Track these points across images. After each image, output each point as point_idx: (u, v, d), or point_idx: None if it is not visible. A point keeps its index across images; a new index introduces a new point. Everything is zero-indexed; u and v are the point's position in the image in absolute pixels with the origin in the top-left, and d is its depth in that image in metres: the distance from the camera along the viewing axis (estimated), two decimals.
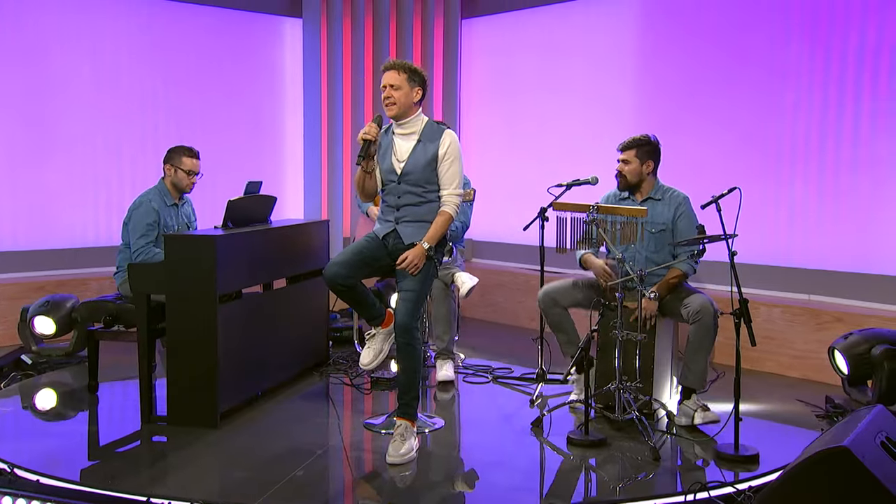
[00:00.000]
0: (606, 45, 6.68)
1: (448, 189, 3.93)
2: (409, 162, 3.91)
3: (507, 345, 6.18)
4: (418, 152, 3.92)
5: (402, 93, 3.87)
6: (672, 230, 4.30)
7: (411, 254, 3.84)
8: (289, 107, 7.70)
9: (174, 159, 4.82)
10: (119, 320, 4.61)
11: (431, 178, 3.92)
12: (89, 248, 6.68)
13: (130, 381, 5.03)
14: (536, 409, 4.42)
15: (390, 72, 3.88)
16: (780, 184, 5.68)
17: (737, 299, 3.62)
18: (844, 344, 4.34)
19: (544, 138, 7.08)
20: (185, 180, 4.82)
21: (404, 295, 3.83)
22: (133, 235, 4.68)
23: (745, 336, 3.60)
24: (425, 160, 3.90)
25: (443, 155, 3.90)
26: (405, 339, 3.79)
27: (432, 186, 3.93)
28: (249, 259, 4.50)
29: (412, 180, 3.92)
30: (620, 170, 4.36)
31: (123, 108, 6.74)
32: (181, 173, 4.81)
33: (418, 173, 3.90)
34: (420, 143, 3.92)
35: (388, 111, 3.91)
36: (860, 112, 5.29)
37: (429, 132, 3.95)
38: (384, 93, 3.89)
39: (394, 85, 3.86)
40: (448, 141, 3.92)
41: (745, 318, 3.58)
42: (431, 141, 3.92)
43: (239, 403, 4.41)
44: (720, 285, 5.44)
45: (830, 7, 5.41)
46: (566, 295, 4.44)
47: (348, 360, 5.45)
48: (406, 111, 3.91)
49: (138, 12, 6.79)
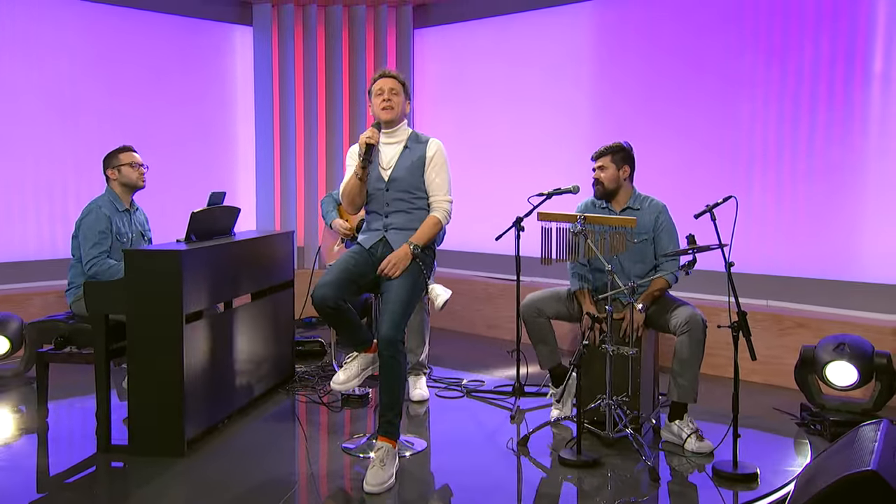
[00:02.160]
0: (561, 53, 6.40)
1: (438, 195, 3.64)
2: (396, 168, 3.61)
3: (470, 354, 5.83)
4: (404, 157, 3.63)
5: (399, 100, 3.66)
6: (653, 240, 4.01)
7: (394, 255, 3.49)
8: (240, 116, 7.19)
9: (112, 161, 4.32)
10: (71, 341, 4.07)
11: (420, 185, 3.61)
12: (32, 261, 6.06)
13: (83, 405, 4.51)
14: (517, 426, 4.08)
15: (390, 79, 3.68)
16: (738, 191, 5.41)
17: (734, 311, 3.33)
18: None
19: (498, 146, 6.76)
20: (132, 173, 4.31)
21: (390, 306, 3.43)
22: (84, 245, 4.14)
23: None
24: (412, 164, 3.60)
25: (430, 159, 3.63)
26: (390, 353, 3.38)
27: (421, 193, 3.62)
28: (215, 274, 4.03)
29: (401, 186, 3.60)
30: (598, 177, 4.06)
31: (66, 116, 6.14)
32: (126, 168, 4.30)
33: (406, 179, 3.60)
34: (406, 149, 3.64)
35: (384, 115, 3.63)
36: (816, 121, 5.12)
37: (414, 139, 3.68)
38: (382, 96, 3.64)
39: (394, 89, 3.65)
40: (435, 147, 3.66)
41: (745, 331, 3.30)
42: (417, 148, 3.64)
43: (205, 429, 3.93)
44: (695, 293, 5.21)
45: (784, 17, 5.23)
46: (550, 305, 4.11)
47: (314, 375, 5.01)
48: (398, 119, 3.65)
49: (80, 17, 6.20)
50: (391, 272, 3.46)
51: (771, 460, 3.58)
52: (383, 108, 3.61)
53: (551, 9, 6.46)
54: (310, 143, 7.26)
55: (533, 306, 4.12)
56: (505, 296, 6.40)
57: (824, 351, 4.06)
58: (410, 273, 3.50)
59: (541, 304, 4.11)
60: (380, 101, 3.62)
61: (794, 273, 5.28)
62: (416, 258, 3.52)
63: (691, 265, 3.55)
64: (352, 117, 7.30)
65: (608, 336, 3.61)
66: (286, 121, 7.17)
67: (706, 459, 3.60)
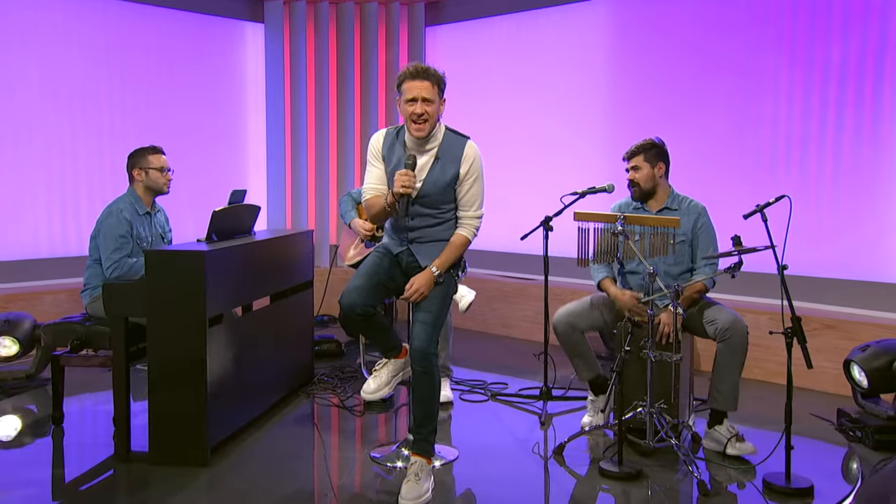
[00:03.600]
0: (574, 50, 6.15)
1: (468, 210, 3.23)
2: (426, 183, 3.16)
3: (487, 354, 5.57)
4: (437, 173, 3.16)
5: (434, 107, 3.07)
6: (691, 241, 3.75)
7: (418, 280, 3.15)
8: (251, 114, 6.91)
9: (141, 161, 4.00)
10: (88, 344, 3.79)
11: (448, 198, 3.21)
12: (43, 259, 5.77)
13: (98, 408, 4.24)
14: (549, 432, 3.83)
15: (423, 81, 3.05)
16: (759, 191, 5.20)
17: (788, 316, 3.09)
18: (863, 357, 3.87)
19: (509, 146, 6.49)
20: (160, 179, 4.02)
21: (422, 317, 3.14)
22: (105, 249, 3.84)
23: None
24: (444, 182, 3.16)
25: (464, 175, 3.17)
26: (423, 367, 3.10)
27: (448, 206, 3.23)
28: (238, 275, 3.76)
29: (428, 203, 3.19)
30: (632, 178, 3.76)
31: (79, 112, 5.85)
32: (153, 172, 4.00)
33: (435, 195, 3.18)
34: (438, 162, 3.16)
35: (417, 132, 3.08)
36: (843, 120, 4.88)
37: (448, 147, 3.17)
38: (413, 108, 3.05)
39: (427, 98, 3.05)
40: (471, 158, 3.17)
41: (800, 337, 3.04)
42: (452, 160, 3.16)
43: (227, 437, 3.66)
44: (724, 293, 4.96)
45: (811, 14, 4.98)
46: (585, 318, 3.81)
47: (334, 377, 4.75)
48: (433, 128, 3.14)
49: (92, 12, 5.90)
50: (416, 299, 3.15)
51: (819, 472, 3.31)
52: (417, 126, 3.06)
53: (565, 6, 6.21)
54: (321, 141, 6.98)
55: (566, 322, 3.80)
56: (520, 295, 6.15)
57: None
58: (442, 286, 3.20)
59: (573, 319, 3.80)
60: (411, 112, 3.05)
61: (819, 273, 5.04)
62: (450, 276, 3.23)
63: (737, 267, 3.29)
64: (363, 115, 7.03)
65: (649, 341, 3.35)
66: (297, 119, 6.89)
67: (750, 467, 3.35)
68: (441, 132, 3.20)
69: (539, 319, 6.10)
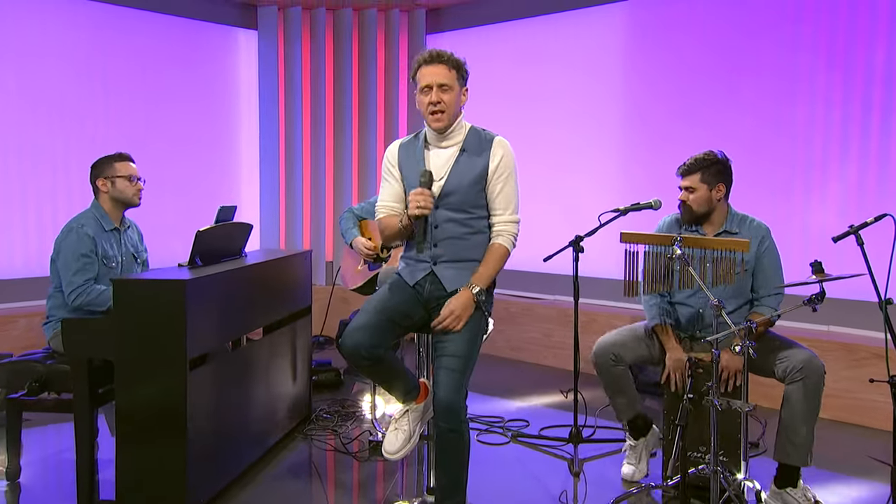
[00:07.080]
0: (577, 57, 5.49)
1: (503, 214, 2.57)
2: (450, 179, 2.52)
3: (498, 380, 4.83)
4: (462, 166, 2.53)
5: (453, 96, 2.51)
6: (753, 268, 3.04)
7: (455, 303, 2.47)
8: (244, 125, 6.16)
9: (106, 170, 3.24)
10: (48, 385, 3.04)
11: (478, 201, 2.55)
12: (17, 279, 4.99)
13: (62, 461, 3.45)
14: (581, 483, 3.12)
15: (438, 66, 2.51)
16: (790, 202, 4.56)
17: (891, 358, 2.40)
18: None
19: (518, 154, 5.75)
20: (128, 189, 3.24)
21: (448, 362, 2.43)
22: (66, 273, 3.07)
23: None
24: (472, 177, 2.53)
25: (494, 170, 2.54)
26: (449, 425, 2.39)
27: (479, 212, 2.56)
28: (226, 306, 3.01)
29: (454, 203, 2.53)
30: (684, 199, 3.02)
31: (60, 122, 5.09)
32: (121, 182, 3.23)
33: (462, 193, 2.53)
34: (464, 154, 2.55)
35: (435, 123, 2.53)
36: (889, 125, 4.22)
37: (474, 141, 2.57)
38: (428, 97, 2.51)
39: (444, 85, 2.51)
40: (501, 152, 2.56)
41: None
42: (479, 152, 2.55)
43: (212, 496, 2.91)
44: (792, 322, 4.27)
45: (851, 9, 4.31)
46: (630, 349, 3.10)
47: (333, 413, 4.00)
48: (454, 120, 2.55)
49: (77, 16, 5.15)
50: (454, 326, 2.46)
51: None
52: (434, 117, 2.52)
53: (568, 12, 5.58)
54: (317, 154, 6.23)
55: (608, 352, 3.09)
56: (527, 315, 5.45)
57: None
58: (472, 321, 2.50)
59: (618, 350, 3.09)
60: (427, 103, 2.52)
61: (861, 297, 4.34)
62: (480, 307, 2.52)
63: (819, 298, 2.59)
64: (361, 128, 6.29)
65: (713, 386, 2.64)
66: (292, 130, 6.15)
67: None
68: (466, 128, 2.59)
69: (549, 343, 5.43)
